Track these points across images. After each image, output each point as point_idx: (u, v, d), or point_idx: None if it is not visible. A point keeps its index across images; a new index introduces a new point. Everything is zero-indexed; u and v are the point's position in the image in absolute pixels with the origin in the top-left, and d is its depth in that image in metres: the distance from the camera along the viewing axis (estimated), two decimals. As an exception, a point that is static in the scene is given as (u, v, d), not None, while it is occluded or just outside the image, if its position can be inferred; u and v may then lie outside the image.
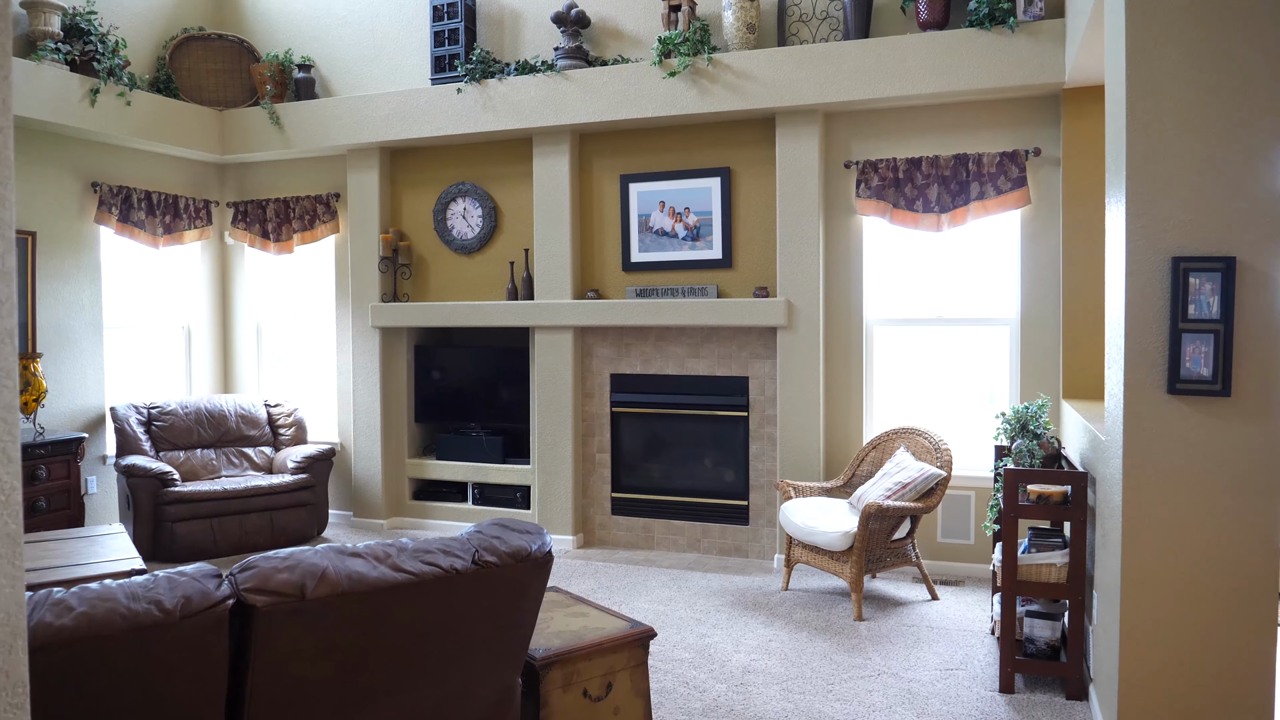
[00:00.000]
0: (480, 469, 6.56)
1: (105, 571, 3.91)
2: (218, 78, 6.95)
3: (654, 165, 6.05)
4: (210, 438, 6.60)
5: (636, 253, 6.08)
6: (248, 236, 7.18)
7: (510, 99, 6.06)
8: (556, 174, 6.15)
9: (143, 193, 6.62)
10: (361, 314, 6.73)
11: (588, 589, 5.25)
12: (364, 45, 6.79)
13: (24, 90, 5.55)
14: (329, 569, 2.28)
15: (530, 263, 6.36)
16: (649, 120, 5.82)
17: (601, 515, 6.28)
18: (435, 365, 6.79)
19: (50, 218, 6.09)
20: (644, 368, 6.13)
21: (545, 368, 6.24)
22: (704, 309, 5.73)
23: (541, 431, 6.27)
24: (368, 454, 6.77)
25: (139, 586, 2.09)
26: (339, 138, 6.55)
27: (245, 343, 7.40)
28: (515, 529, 2.68)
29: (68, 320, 6.21)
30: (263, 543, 6.13)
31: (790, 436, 5.61)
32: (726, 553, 5.95)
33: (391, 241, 6.63)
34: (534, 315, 6.20)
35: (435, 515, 6.73)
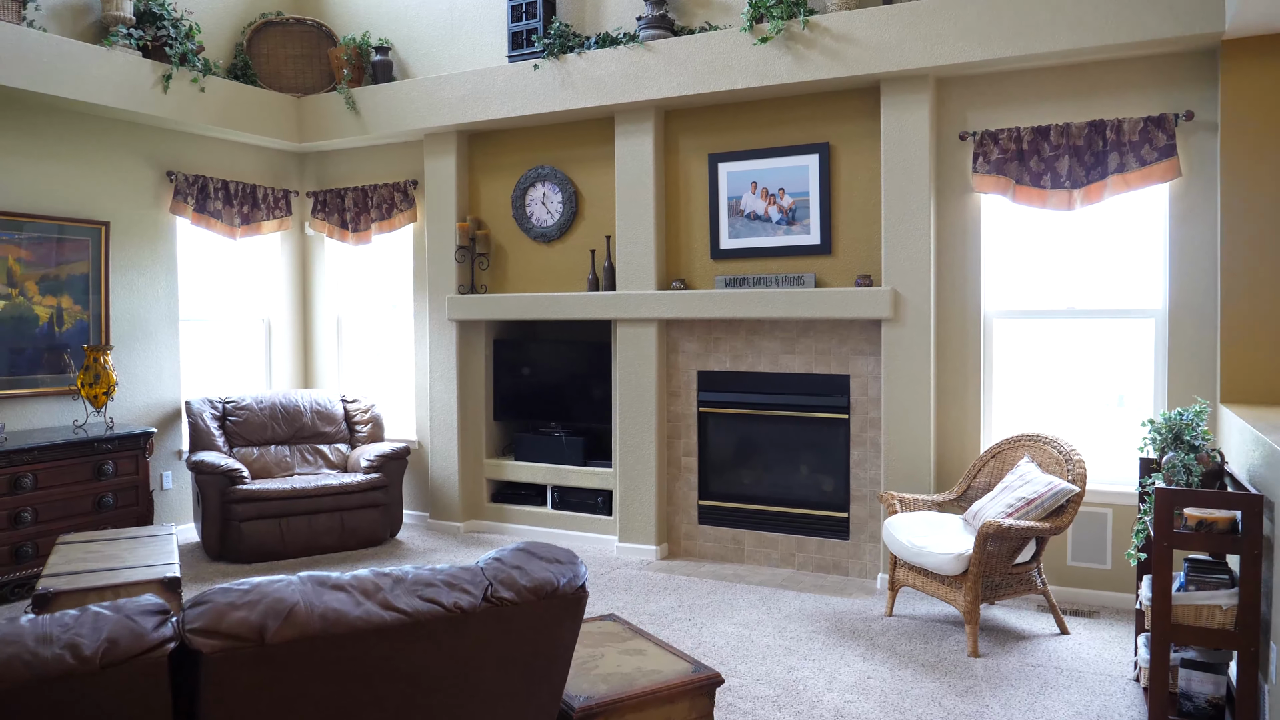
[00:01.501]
0: (560, 471, 6.16)
1: (134, 580, 3.64)
2: (296, 64, 6.74)
3: (745, 143, 5.51)
4: (285, 434, 6.39)
5: (726, 239, 5.56)
6: (326, 227, 6.96)
7: (590, 74, 5.62)
8: (640, 154, 5.68)
9: (220, 182, 6.45)
10: (438, 306, 6.42)
11: (666, 608, 4.76)
12: (442, 24, 6.46)
13: (95, 76, 5.41)
14: (299, 605, 1.86)
15: (612, 251, 5.91)
16: (739, 93, 5.29)
17: (688, 524, 5.79)
18: (514, 360, 6.42)
19: (125, 207, 5.96)
20: (734, 364, 5.60)
21: (627, 363, 5.78)
22: (800, 300, 5.17)
23: (623, 432, 5.82)
24: (444, 453, 6.45)
25: (57, 626, 1.71)
26: (414, 121, 6.24)
27: (325, 336, 7.19)
28: (542, 557, 2.22)
29: (143, 312, 6.09)
30: (332, 544, 5.87)
31: (896, 442, 5.00)
32: (824, 569, 5.37)
33: (469, 230, 6.29)
34: (615, 307, 5.75)
35: (513, 519, 6.36)
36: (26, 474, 4.97)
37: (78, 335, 5.71)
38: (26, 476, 4.97)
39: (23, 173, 5.42)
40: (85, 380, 5.47)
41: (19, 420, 5.44)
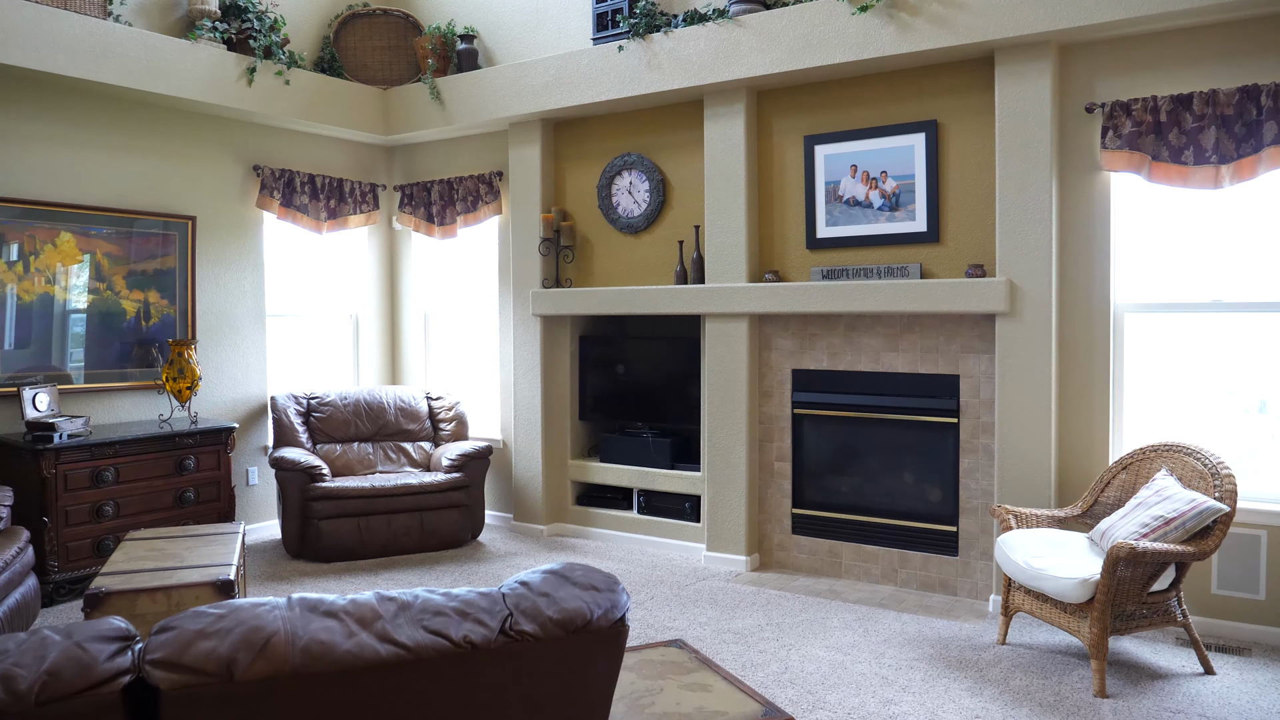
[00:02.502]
0: (646, 474, 5.85)
1: (186, 581, 3.49)
2: (382, 55, 6.63)
3: (844, 123, 5.09)
4: (368, 431, 6.28)
5: (823, 227, 5.15)
6: (413, 221, 6.84)
7: (677, 54, 5.29)
8: (730, 138, 5.32)
9: (306, 176, 6.39)
10: (522, 301, 6.20)
11: (752, 625, 4.39)
12: (527, 9, 6.24)
13: (180, 70, 5.38)
14: (278, 635, 1.60)
15: (701, 241, 5.56)
16: (837, 68, 4.87)
17: (780, 534, 5.40)
18: (600, 357, 6.15)
19: (211, 202, 5.94)
20: (831, 362, 5.18)
21: (717, 361, 5.43)
22: (904, 292, 4.72)
23: (712, 434, 5.47)
24: (528, 453, 6.23)
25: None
26: (497, 110, 6.03)
27: (412, 332, 7.08)
28: (576, 582, 1.90)
29: (229, 307, 6.06)
30: (411, 545, 5.71)
31: (1012, 450, 4.50)
32: (929, 588, 4.90)
33: (553, 221, 6.04)
34: (704, 301, 5.40)
35: (598, 523, 6.08)
36: (108, 467, 4.96)
37: (164, 330, 5.70)
38: (108, 470, 4.95)
39: (111, 168, 5.44)
40: (170, 375, 5.45)
41: (106, 414, 5.46)
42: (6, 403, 5.02)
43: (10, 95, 5.00)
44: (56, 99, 5.18)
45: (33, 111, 5.09)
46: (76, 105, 5.27)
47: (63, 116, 5.21)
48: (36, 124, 5.11)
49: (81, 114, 5.29)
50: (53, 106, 5.17)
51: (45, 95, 5.13)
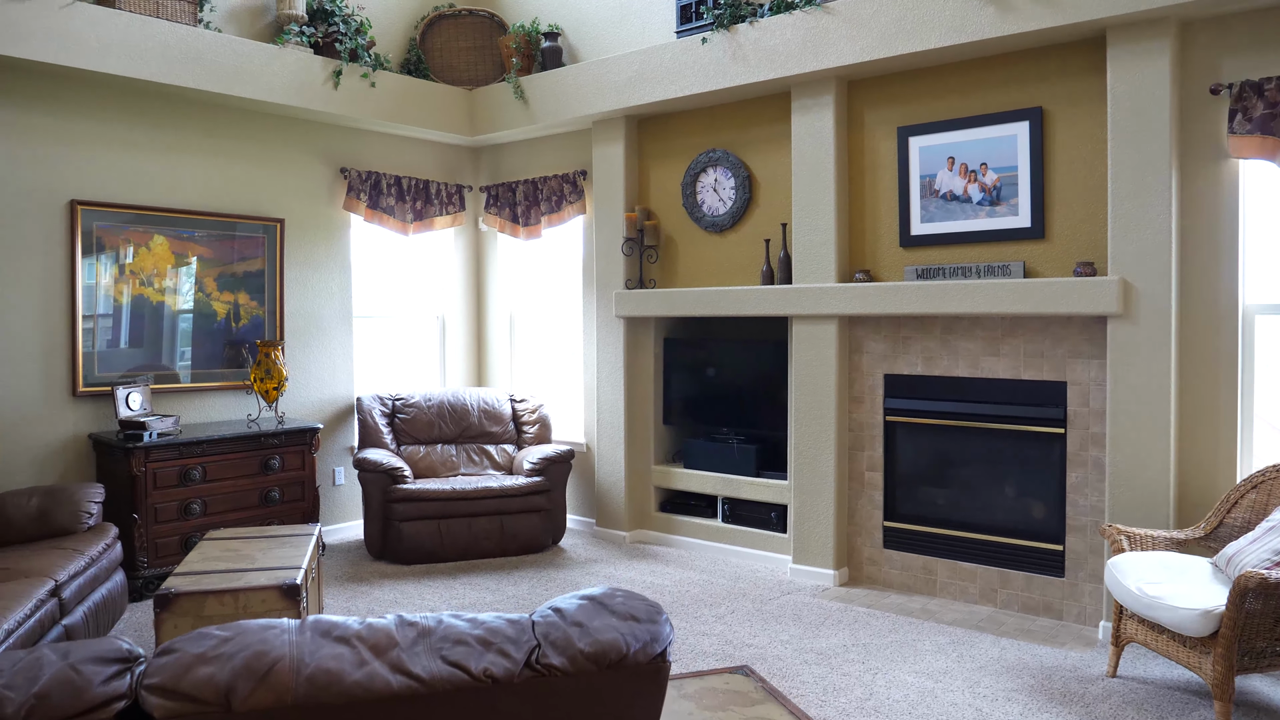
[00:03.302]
0: (731, 481, 5.65)
1: (254, 585, 3.46)
2: (468, 55, 6.60)
3: (940, 112, 4.79)
4: (452, 432, 6.25)
5: (918, 224, 4.85)
6: (498, 221, 6.79)
7: (763, 44, 5.07)
8: (819, 131, 5.07)
9: (392, 178, 6.41)
10: (605, 302, 6.07)
11: (837, 645, 4.15)
12: (611, 5, 6.11)
13: (268, 75, 5.44)
14: (283, 662, 1.48)
15: (788, 240, 5.33)
16: (933, 54, 4.58)
17: (870, 548, 5.12)
18: (684, 360, 5.97)
19: (299, 204, 6.00)
20: (926, 367, 4.89)
21: (804, 365, 5.19)
22: (1006, 292, 4.40)
23: (799, 441, 5.23)
24: (611, 457, 6.10)
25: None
26: (580, 108, 5.92)
27: (498, 334, 7.04)
28: (615, 611, 1.73)
29: (316, 308, 6.12)
30: (491, 549, 5.65)
31: (1125, 464, 4.14)
32: (1032, 610, 4.56)
33: (636, 221, 5.89)
34: (791, 302, 5.17)
35: (681, 531, 5.90)
36: (196, 466, 5.03)
37: (254, 331, 5.78)
38: (196, 469, 5.03)
39: (202, 172, 5.53)
40: (257, 375, 5.51)
41: (197, 413, 5.56)
42: (106, 401, 5.15)
43: (105, 102, 5.13)
44: (149, 105, 5.30)
45: (126, 118, 5.21)
46: (168, 111, 5.38)
47: (155, 122, 5.33)
48: (130, 130, 5.23)
49: (173, 119, 5.40)
50: (145, 112, 5.29)
51: (138, 102, 5.25)
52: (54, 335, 4.97)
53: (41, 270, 4.92)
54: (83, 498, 4.44)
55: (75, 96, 5.01)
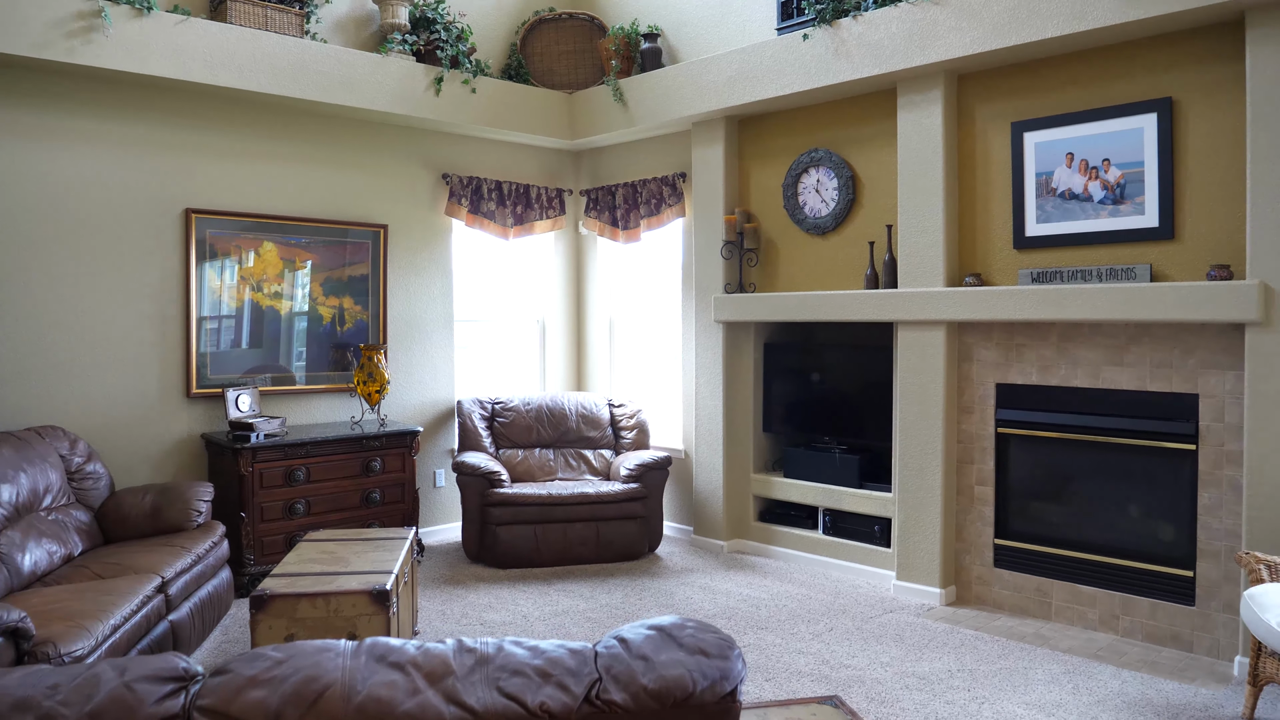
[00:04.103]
0: (833, 492, 5.46)
1: (345, 589, 3.49)
2: (568, 59, 6.59)
3: (1058, 105, 4.50)
4: (550, 437, 6.25)
5: (1033, 224, 4.58)
6: (598, 225, 6.76)
7: (867, 39, 4.87)
8: (926, 128, 4.84)
9: (493, 183, 6.45)
10: (704, 306, 5.96)
11: (941, 670, 3.93)
12: (711, 4, 6.00)
13: (371, 83, 5.53)
14: (334, 688, 1.43)
15: (894, 242, 5.12)
16: (1050, 44, 4.31)
17: (979, 566, 4.86)
18: (785, 366, 5.81)
19: (402, 210, 6.09)
20: (1042, 377, 4.60)
21: (910, 372, 4.97)
22: (1130, 298, 4.09)
23: (905, 452, 5.01)
24: (709, 465, 5.98)
25: (52, 685, 1.40)
26: (679, 109, 5.83)
27: (598, 338, 7.01)
28: (684, 644, 1.63)
29: (419, 312, 6.20)
30: (587, 555, 5.61)
31: (1266, 486, 3.79)
32: (1157, 640, 4.23)
33: (736, 223, 5.76)
34: (896, 307, 4.96)
35: (780, 542, 5.74)
36: (300, 467, 5.15)
37: (357, 335, 5.90)
38: (300, 469, 5.14)
39: (308, 179, 5.67)
40: (360, 378, 5.61)
41: (303, 415, 5.70)
42: (217, 402, 5.32)
43: (217, 114, 5.31)
44: (258, 115, 5.46)
45: (237, 128, 5.38)
46: (276, 121, 5.53)
47: (264, 132, 5.48)
48: (240, 140, 5.40)
49: (281, 129, 5.55)
50: (255, 123, 5.44)
51: (248, 112, 5.42)
52: (170, 339, 5.17)
53: (159, 276, 5.12)
54: (193, 496, 4.58)
55: (189, 109, 5.20)
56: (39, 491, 4.20)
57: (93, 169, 4.88)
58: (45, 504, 4.23)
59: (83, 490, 4.50)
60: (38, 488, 4.19)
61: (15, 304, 4.66)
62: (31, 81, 4.69)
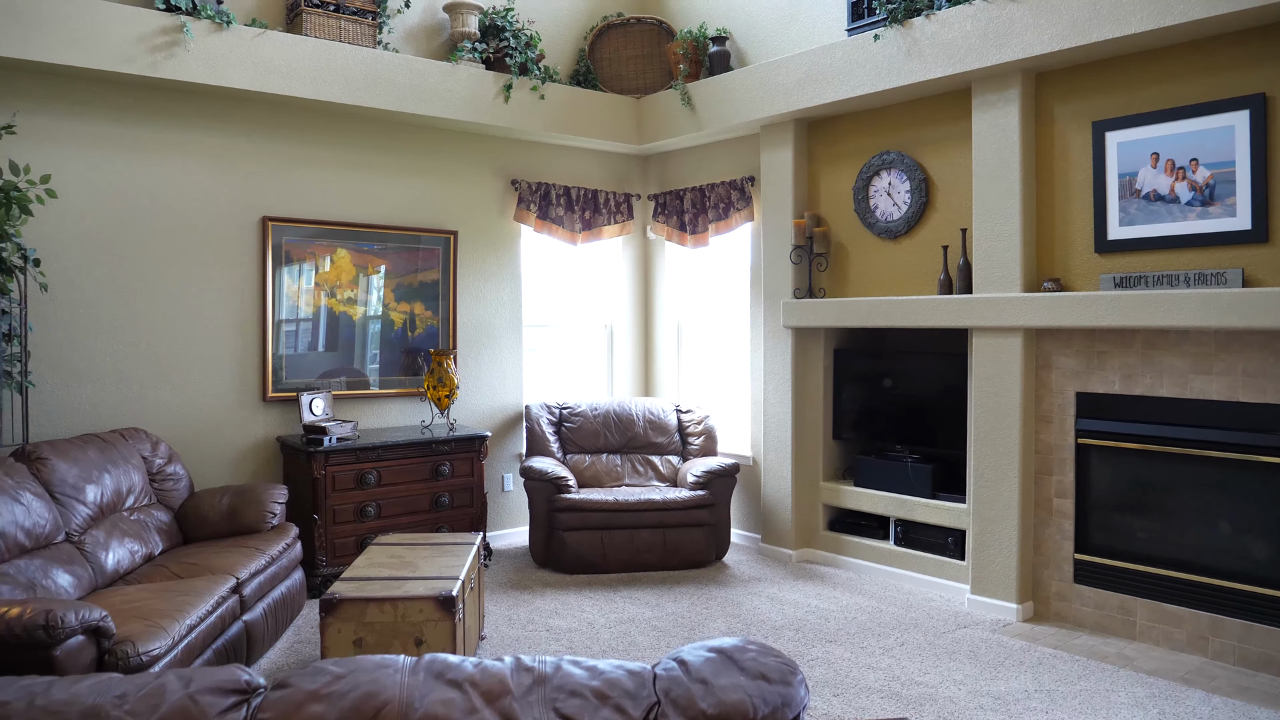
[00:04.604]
0: (904, 502, 5.34)
1: (411, 594, 3.52)
2: (636, 64, 6.58)
3: (1141, 104, 4.33)
4: (617, 442, 6.24)
5: (1115, 227, 4.41)
6: (665, 230, 6.74)
7: (940, 38, 4.75)
8: (1002, 129, 4.70)
9: (561, 188, 6.47)
10: (773, 312, 5.89)
11: (1016, 690, 3.80)
12: (779, 5, 5.93)
13: (442, 91, 5.60)
14: (391, 705, 1.43)
15: (968, 246, 4.99)
16: (1132, 40, 4.14)
17: (1059, 581, 4.70)
18: (855, 373, 5.70)
19: (472, 217, 6.16)
20: (1125, 386, 4.43)
21: (985, 380, 4.83)
22: (1221, 304, 3.91)
23: (979, 462, 4.87)
24: (777, 472, 5.91)
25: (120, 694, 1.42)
26: (747, 113, 5.77)
27: (665, 343, 6.98)
28: (745, 668, 1.58)
29: (488, 318, 6.25)
30: (653, 562, 5.58)
31: (1367, 503, 3.59)
32: (1250, 664, 4.03)
33: (805, 228, 5.68)
34: (971, 313, 4.83)
35: (850, 552, 5.64)
36: (371, 471, 5.23)
37: (428, 340, 5.97)
38: (371, 473, 5.22)
39: (379, 186, 5.76)
40: (430, 383, 5.68)
41: (375, 419, 5.79)
42: (293, 406, 5.44)
43: (292, 123, 5.42)
44: (331, 124, 5.56)
45: (312, 137, 5.49)
46: (349, 129, 5.63)
47: (337, 140, 5.59)
48: (315, 148, 5.51)
49: (354, 137, 5.65)
50: (328, 131, 5.55)
51: (321, 121, 5.53)
52: (248, 344, 5.30)
53: (236, 283, 5.25)
54: (268, 498, 4.69)
55: (266, 119, 5.32)
56: (122, 492, 4.33)
57: (175, 179, 5.03)
58: (128, 504, 4.36)
59: (164, 491, 4.64)
60: (121, 488, 4.33)
61: (107, 310, 4.83)
62: (117, 95, 4.85)
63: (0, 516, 3.52)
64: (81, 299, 4.77)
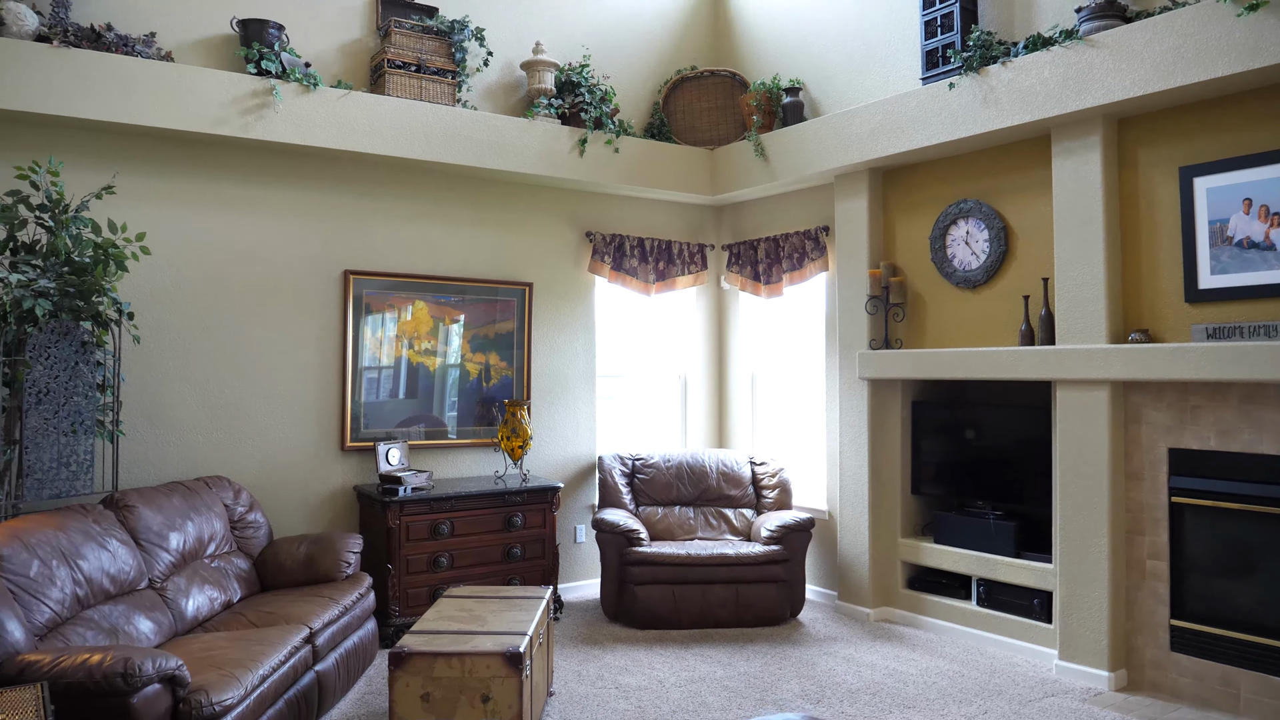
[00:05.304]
0: (987, 561, 5.14)
1: (480, 650, 3.51)
2: (710, 115, 6.63)
3: (1231, 148, 4.16)
4: (690, 494, 6.18)
5: (1206, 276, 4.23)
6: (739, 279, 6.72)
7: (1017, 85, 4.67)
8: (1084, 176, 4.58)
9: (635, 239, 6.52)
10: (848, 363, 5.79)
11: (1107, 765, 3.59)
12: (854, 55, 5.91)
13: (518, 146, 5.72)
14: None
15: (1050, 296, 4.84)
16: (1220, 83, 4.00)
17: (1154, 648, 4.44)
18: (934, 426, 5.55)
19: (547, 268, 6.24)
20: (1221, 442, 4.21)
21: (1071, 435, 4.65)
22: (1322, 357, 3.70)
23: (1065, 521, 4.67)
24: (854, 527, 5.76)
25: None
26: (820, 163, 5.74)
27: (740, 394, 6.92)
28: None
29: (562, 368, 6.30)
30: (726, 618, 5.48)
31: None
32: (1368, 743, 3.74)
33: (881, 277, 5.60)
34: (1054, 365, 4.66)
35: (930, 612, 5.44)
36: (445, 521, 5.27)
37: (503, 390, 6.04)
38: (445, 523, 5.27)
39: (456, 239, 5.89)
40: (504, 433, 5.73)
41: (451, 469, 5.86)
42: (370, 455, 5.54)
43: (374, 179, 5.60)
44: (410, 179, 5.73)
45: (392, 191, 5.66)
46: (428, 184, 5.79)
47: (416, 195, 5.74)
48: (394, 202, 5.67)
49: (432, 191, 5.80)
50: (407, 185, 5.71)
51: (401, 176, 5.69)
52: (327, 394, 5.43)
53: (318, 334, 5.40)
54: (343, 547, 4.75)
55: (348, 175, 5.51)
56: (204, 539, 4.45)
57: (261, 234, 5.23)
58: (209, 551, 4.48)
59: (244, 539, 4.75)
60: (204, 536, 4.45)
61: (195, 360, 5.02)
62: (208, 154, 5.08)
63: (88, 562, 3.65)
64: (171, 350, 4.96)
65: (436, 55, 5.57)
